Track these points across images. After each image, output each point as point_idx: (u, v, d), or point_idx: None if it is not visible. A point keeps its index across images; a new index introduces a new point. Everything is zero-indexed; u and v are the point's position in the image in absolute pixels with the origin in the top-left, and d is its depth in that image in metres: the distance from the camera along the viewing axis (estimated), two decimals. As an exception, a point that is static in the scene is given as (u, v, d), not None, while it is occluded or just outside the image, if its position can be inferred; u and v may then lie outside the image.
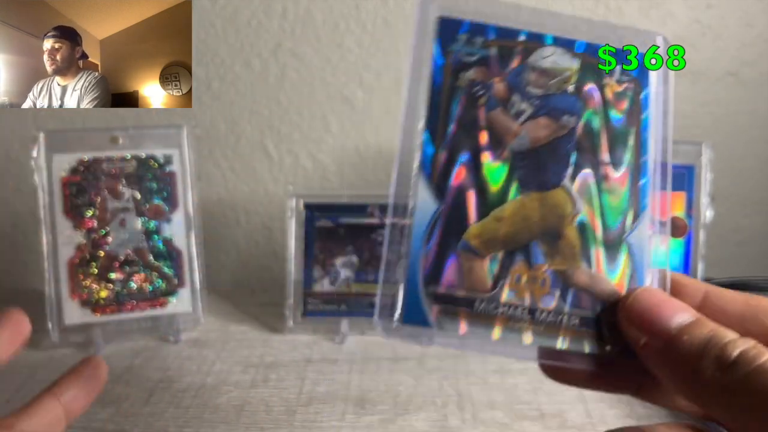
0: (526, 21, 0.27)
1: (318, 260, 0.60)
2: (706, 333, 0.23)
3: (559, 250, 0.26)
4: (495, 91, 0.26)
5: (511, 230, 0.25)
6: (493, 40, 0.27)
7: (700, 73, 0.72)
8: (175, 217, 0.59)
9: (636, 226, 0.26)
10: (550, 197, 0.26)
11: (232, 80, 0.70)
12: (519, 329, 0.25)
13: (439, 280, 0.25)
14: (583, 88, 0.27)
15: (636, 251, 0.26)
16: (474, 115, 0.26)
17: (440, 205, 0.25)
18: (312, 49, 0.69)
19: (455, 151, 0.26)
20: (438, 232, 0.25)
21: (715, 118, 0.73)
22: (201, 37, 0.68)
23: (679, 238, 0.58)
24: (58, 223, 0.56)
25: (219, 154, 0.72)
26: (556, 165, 0.26)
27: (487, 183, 0.26)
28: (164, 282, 0.58)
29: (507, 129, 0.26)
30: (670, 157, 0.27)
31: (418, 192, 0.25)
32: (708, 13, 0.70)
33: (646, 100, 0.28)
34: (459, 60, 0.26)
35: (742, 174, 0.74)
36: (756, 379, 0.21)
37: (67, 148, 0.57)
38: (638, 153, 0.27)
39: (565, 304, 0.25)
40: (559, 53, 0.27)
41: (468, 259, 0.25)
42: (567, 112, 0.27)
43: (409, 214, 0.25)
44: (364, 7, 0.69)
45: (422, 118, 0.26)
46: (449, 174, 0.25)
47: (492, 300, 0.25)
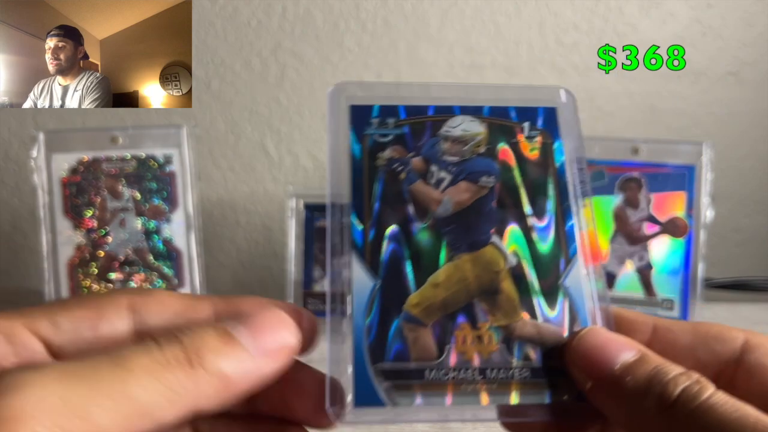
0: (432, 96, 0.29)
1: (318, 260, 0.60)
2: (649, 371, 0.22)
3: (499, 305, 0.26)
4: (413, 165, 0.28)
5: (449, 294, 0.26)
6: (404, 119, 0.28)
7: (700, 73, 0.72)
8: (175, 217, 0.59)
9: (569, 269, 0.27)
10: (481, 256, 0.27)
11: (232, 80, 0.70)
12: (474, 391, 0.25)
13: (385, 355, 0.25)
14: (496, 149, 0.28)
15: (574, 293, 0.26)
16: (397, 190, 0.27)
17: (376, 281, 0.26)
18: (312, 49, 0.69)
19: (383, 227, 0.27)
20: (378, 307, 0.25)
21: (715, 118, 0.73)
22: (201, 37, 0.68)
23: (679, 238, 0.58)
24: (58, 223, 0.56)
25: (219, 154, 0.72)
26: (483, 224, 0.27)
27: (419, 252, 0.26)
28: (164, 282, 0.58)
29: (430, 198, 0.27)
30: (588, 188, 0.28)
31: (353, 272, 0.26)
32: (708, 12, 0.70)
33: (560, 149, 0.29)
34: (375, 142, 0.28)
35: (743, 174, 0.74)
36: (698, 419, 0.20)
37: (67, 148, 0.57)
38: (559, 199, 0.28)
39: (514, 358, 0.25)
40: (467, 120, 0.29)
41: (411, 329, 0.25)
42: (484, 173, 0.28)
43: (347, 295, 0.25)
44: (364, 7, 0.69)
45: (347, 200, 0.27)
46: (380, 250, 0.26)
47: (441, 366, 0.25)
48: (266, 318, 0.23)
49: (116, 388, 0.19)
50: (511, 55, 0.71)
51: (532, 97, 0.30)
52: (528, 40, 0.71)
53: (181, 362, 0.20)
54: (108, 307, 0.23)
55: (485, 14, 0.70)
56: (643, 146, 0.59)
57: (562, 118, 0.29)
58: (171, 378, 0.20)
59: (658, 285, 0.58)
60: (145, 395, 0.19)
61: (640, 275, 0.59)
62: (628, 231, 0.59)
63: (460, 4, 0.70)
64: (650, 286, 0.59)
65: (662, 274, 0.58)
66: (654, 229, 0.59)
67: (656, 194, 0.59)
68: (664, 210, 0.59)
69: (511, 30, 0.70)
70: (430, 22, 0.70)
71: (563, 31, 0.71)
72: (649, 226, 0.59)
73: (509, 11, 0.70)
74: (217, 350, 0.21)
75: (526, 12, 0.70)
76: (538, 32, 0.71)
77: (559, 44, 0.71)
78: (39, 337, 0.22)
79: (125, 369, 0.19)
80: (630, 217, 0.59)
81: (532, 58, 0.71)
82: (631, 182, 0.59)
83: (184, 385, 0.20)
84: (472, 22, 0.70)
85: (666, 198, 0.58)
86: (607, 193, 0.59)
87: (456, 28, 0.70)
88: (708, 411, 0.20)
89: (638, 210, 0.59)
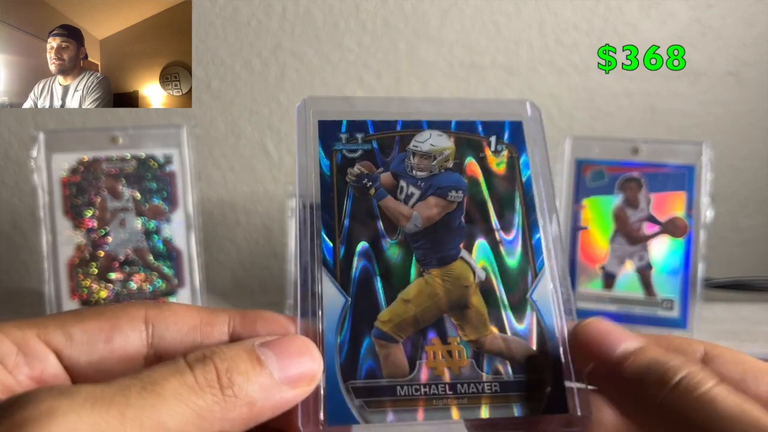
0: (400, 111, 0.29)
1: (318, 260, 0.60)
2: (650, 357, 0.23)
3: (468, 320, 0.26)
4: (382, 181, 0.28)
5: (419, 310, 0.26)
6: (372, 134, 0.29)
7: (700, 73, 0.72)
8: (175, 217, 0.59)
9: (537, 283, 0.27)
10: (451, 270, 0.27)
11: (232, 80, 0.70)
12: (444, 406, 0.25)
13: (356, 372, 0.25)
14: (464, 164, 0.29)
15: (541, 307, 0.27)
16: (366, 206, 0.27)
17: (347, 299, 0.26)
18: (312, 49, 0.69)
19: (353, 243, 0.27)
20: (349, 324, 0.25)
21: (715, 118, 0.73)
22: (201, 37, 0.68)
23: (679, 238, 0.58)
24: (58, 223, 0.56)
25: (219, 154, 0.72)
26: (452, 239, 0.27)
27: (389, 268, 0.27)
28: (164, 282, 0.58)
29: (399, 214, 0.28)
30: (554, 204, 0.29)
31: (323, 289, 0.26)
32: (708, 12, 0.70)
33: (526, 164, 0.29)
34: (344, 157, 0.28)
35: (743, 174, 0.74)
36: (698, 409, 0.21)
37: (67, 148, 0.57)
38: (526, 213, 0.28)
39: (483, 372, 0.25)
40: (435, 135, 0.29)
41: (382, 346, 0.25)
42: (453, 188, 0.28)
43: (319, 313, 0.25)
44: (364, 7, 0.69)
45: (317, 217, 0.27)
46: (350, 267, 0.26)
47: (412, 382, 0.25)
48: (293, 344, 0.23)
49: (146, 415, 0.19)
50: (511, 55, 0.71)
51: (498, 111, 0.30)
52: (528, 40, 0.71)
53: (213, 387, 0.20)
54: (123, 319, 0.23)
55: (485, 14, 0.70)
56: (643, 146, 0.59)
57: (528, 132, 0.29)
58: (201, 404, 0.20)
59: (658, 285, 0.58)
60: (173, 421, 0.19)
61: (639, 275, 0.59)
62: (628, 231, 0.59)
63: (460, 4, 0.70)
64: (650, 286, 0.59)
65: (662, 274, 0.58)
66: (654, 229, 0.59)
67: (656, 194, 0.59)
68: (664, 210, 0.59)
69: (511, 30, 0.70)
70: (430, 22, 0.70)
71: (563, 31, 0.71)
72: (649, 226, 0.59)
73: (509, 11, 0.70)
74: (247, 375, 0.21)
75: (526, 12, 0.70)
76: (538, 32, 0.71)
77: (559, 44, 0.71)
78: (52, 347, 0.22)
79: (155, 394, 0.19)
80: (630, 217, 0.59)
81: (532, 58, 0.71)
82: (631, 182, 0.59)
83: (213, 411, 0.20)
84: (472, 22, 0.70)
85: (666, 198, 0.58)
86: (607, 193, 0.59)
87: (456, 28, 0.70)
88: (709, 402, 0.20)
89: (638, 210, 0.59)
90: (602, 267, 0.60)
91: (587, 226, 0.60)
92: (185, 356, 0.21)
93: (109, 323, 0.23)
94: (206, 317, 0.24)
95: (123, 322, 0.23)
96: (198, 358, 0.21)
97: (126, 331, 0.23)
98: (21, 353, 0.22)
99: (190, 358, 0.21)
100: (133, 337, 0.23)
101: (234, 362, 0.21)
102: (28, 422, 0.17)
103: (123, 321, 0.23)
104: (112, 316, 0.23)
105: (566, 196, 0.60)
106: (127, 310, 0.24)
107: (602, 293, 0.59)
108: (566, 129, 0.72)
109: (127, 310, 0.24)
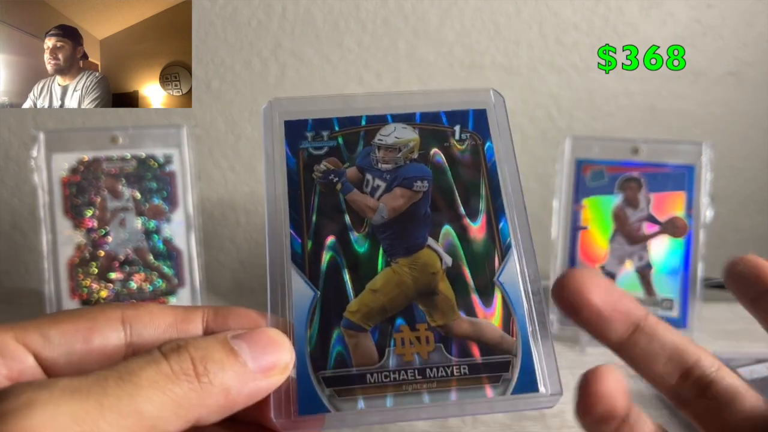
0: (364, 107, 0.30)
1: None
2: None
3: (436, 306, 0.27)
4: (348, 175, 0.29)
5: (387, 299, 0.27)
6: (337, 131, 0.29)
7: (700, 73, 0.72)
8: (175, 216, 0.59)
9: (503, 266, 0.27)
10: (418, 258, 0.28)
11: (232, 80, 0.70)
12: (414, 392, 0.25)
13: (327, 363, 0.25)
14: (429, 154, 0.29)
15: (509, 289, 0.27)
16: (333, 201, 0.28)
17: (316, 292, 0.27)
18: (312, 49, 0.69)
19: (320, 238, 0.27)
20: (318, 316, 0.26)
21: (715, 118, 0.73)
22: (201, 37, 0.68)
23: (679, 237, 0.58)
24: (58, 222, 0.56)
25: (219, 154, 0.72)
26: (418, 228, 0.28)
27: (357, 260, 0.27)
28: (164, 282, 0.58)
29: (365, 206, 0.28)
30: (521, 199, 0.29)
31: (292, 283, 0.27)
32: (708, 12, 0.70)
33: (491, 150, 0.30)
34: (310, 155, 0.29)
35: (742, 174, 0.74)
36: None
37: (67, 147, 0.57)
38: (492, 198, 0.29)
39: (452, 356, 0.26)
40: (399, 128, 0.30)
41: (351, 335, 0.26)
42: (418, 178, 0.29)
43: (288, 306, 0.26)
44: (364, 6, 0.69)
45: (285, 214, 0.28)
46: (319, 261, 0.27)
47: (381, 369, 0.25)
48: (264, 336, 0.23)
49: (124, 403, 0.19)
50: (511, 55, 0.71)
51: (462, 100, 0.31)
52: (528, 40, 0.71)
53: (188, 375, 0.21)
54: (100, 320, 0.24)
55: (485, 14, 0.70)
56: (643, 146, 0.59)
57: (492, 119, 0.30)
58: (177, 391, 0.20)
59: (658, 285, 0.58)
60: (152, 409, 0.19)
61: (639, 275, 0.59)
62: (628, 231, 0.59)
63: (460, 4, 0.70)
64: (650, 285, 0.59)
65: (662, 273, 0.58)
66: (654, 229, 0.59)
67: (656, 194, 0.59)
68: (663, 210, 0.59)
69: (511, 30, 0.70)
70: (430, 22, 0.70)
71: (563, 31, 0.71)
72: (649, 225, 0.59)
73: (509, 11, 0.70)
74: (222, 364, 0.21)
75: (526, 12, 0.70)
76: (538, 32, 0.71)
77: (559, 44, 0.71)
78: (30, 349, 0.22)
79: (132, 383, 0.19)
80: (630, 217, 0.59)
81: (532, 58, 0.71)
82: (631, 182, 0.59)
83: (189, 398, 0.20)
84: (471, 22, 0.70)
85: (666, 198, 0.59)
86: (606, 193, 0.60)
87: (456, 28, 0.70)
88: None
89: (638, 210, 0.59)
90: (602, 267, 0.60)
91: (587, 225, 0.60)
92: (160, 347, 0.21)
93: (86, 324, 0.23)
94: (181, 315, 0.25)
95: (101, 323, 0.24)
96: (173, 348, 0.21)
97: (104, 332, 0.23)
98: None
99: (164, 348, 0.21)
100: (111, 337, 0.23)
101: (208, 351, 0.21)
102: (7, 414, 0.18)
103: (101, 322, 0.24)
104: (90, 318, 0.24)
105: (566, 196, 0.60)
106: (104, 312, 0.24)
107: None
108: (566, 129, 0.72)
109: (104, 311, 0.24)
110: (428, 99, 0.31)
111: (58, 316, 0.24)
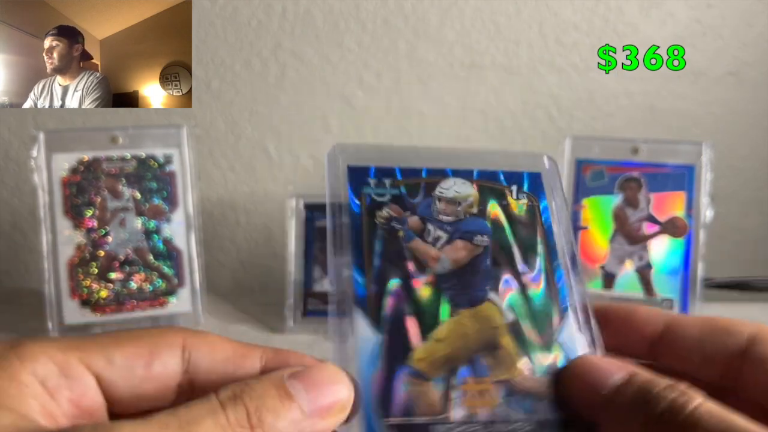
0: (425, 159, 0.31)
1: (318, 260, 0.60)
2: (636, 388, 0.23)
3: (500, 360, 0.27)
4: (410, 224, 0.29)
5: (452, 349, 0.27)
6: (399, 180, 0.30)
7: (700, 73, 0.72)
8: (175, 216, 0.59)
9: (563, 325, 0.28)
10: (480, 312, 0.28)
11: (232, 80, 0.70)
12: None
13: (392, 410, 0.25)
14: (488, 210, 0.30)
15: (568, 348, 0.28)
16: (396, 247, 0.28)
17: (380, 335, 0.26)
18: (312, 49, 0.69)
19: (384, 282, 0.27)
20: (382, 362, 0.26)
21: (715, 118, 0.73)
22: (201, 37, 0.68)
23: (679, 237, 0.58)
24: (58, 222, 0.56)
25: (219, 154, 0.72)
26: (480, 281, 0.28)
27: (421, 307, 0.27)
28: (164, 282, 0.58)
29: (428, 255, 0.29)
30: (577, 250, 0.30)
31: (356, 325, 0.26)
32: (708, 12, 0.70)
33: (546, 210, 0.31)
34: (373, 200, 0.29)
35: (742, 174, 0.74)
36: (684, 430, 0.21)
37: (67, 147, 0.57)
38: (549, 258, 0.29)
39: (516, 412, 0.26)
40: (459, 183, 0.30)
41: (416, 384, 0.26)
42: (478, 233, 0.29)
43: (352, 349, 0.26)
44: (364, 6, 0.69)
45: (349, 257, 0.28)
46: (381, 305, 0.27)
47: (446, 421, 0.25)
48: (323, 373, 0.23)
49: None
50: (511, 55, 0.71)
51: (517, 163, 0.32)
52: (528, 40, 0.71)
53: (243, 426, 0.21)
54: (162, 344, 0.24)
55: (485, 14, 0.70)
56: (643, 146, 0.59)
57: (547, 182, 0.31)
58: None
59: (658, 285, 0.58)
60: None
61: (639, 275, 0.59)
62: (628, 231, 0.59)
63: (460, 4, 0.70)
64: (650, 285, 0.59)
65: (662, 273, 0.58)
66: (654, 229, 0.59)
67: (656, 194, 0.59)
68: (663, 210, 0.59)
69: (511, 30, 0.70)
70: (430, 22, 0.70)
71: (563, 31, 0.71)
72: (649, 225, 0.59)
73: (509, 11, 0.70)
74: (276, 411, 0.21)
75: (526, 12, 0.70)
76: (538, 32, 0.71)
77: (559, 44, 0.71)
78: (92, 371, 0.23)
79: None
80: (630, 217, 0.59)
81: (532, 58, 0.71)
82: (631, 182, 0.59)
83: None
84: (471, 22, 0.70)
85: (666, 198, 0.59)
86: (606, 193, 0.60)
87: (456, 28, 0.70)
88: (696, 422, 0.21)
89: (638, 210, 0.59)
90: (602, 267, 0.60)
91: (587, 225, 0.60)
92: (218, 394, 0.21)
93: (148, 348, 0.24)
94: (240, 349, 0.25)
95: (162, 348, 0.24)
96: (229, 397, 0.21)
97: (164, 357, 0.24)
98: (63, 376, 0.22)
99: (222, 397, 0.21)
100: (170, 363, 0.24)
101: (263, 400, 0.21)
102: None
103: (162, 347, 0.24)
104: (152, 342, 0.24)
105: (566, 196, 0.60)
106: (165, 336, 0.24)
107: (602, 293, 0.59)
108: (566, 129, 0.72)
109: (165, 335, 0.24)
110: (485, 157, 0.32)
111: (121, 338, 0.24)
